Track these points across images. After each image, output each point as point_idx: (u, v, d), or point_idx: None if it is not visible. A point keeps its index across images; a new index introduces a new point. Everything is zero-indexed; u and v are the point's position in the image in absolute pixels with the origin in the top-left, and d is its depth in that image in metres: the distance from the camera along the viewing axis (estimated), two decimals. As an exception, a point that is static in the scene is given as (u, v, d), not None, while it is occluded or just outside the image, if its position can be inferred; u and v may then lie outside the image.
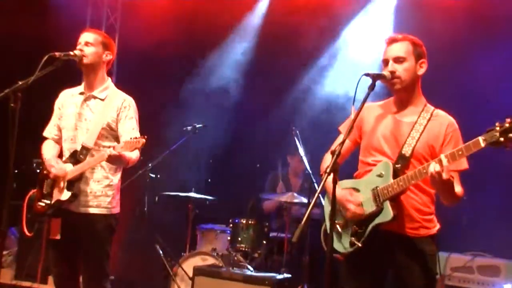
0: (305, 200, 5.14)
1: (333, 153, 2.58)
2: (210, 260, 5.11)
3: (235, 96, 6.58)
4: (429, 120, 2.87)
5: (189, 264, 5.08)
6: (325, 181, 2.53)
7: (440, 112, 2.94)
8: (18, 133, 3.00)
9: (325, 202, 3.05)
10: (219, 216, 5.85)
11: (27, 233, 3.50)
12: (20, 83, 3.03)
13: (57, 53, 3.23)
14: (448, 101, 3.15)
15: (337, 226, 2.87)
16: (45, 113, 3.76)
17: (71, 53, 3.32)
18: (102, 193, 3.38)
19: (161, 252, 5.22)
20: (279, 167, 5.89)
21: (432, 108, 2.95)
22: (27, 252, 5.59)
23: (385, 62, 2.90)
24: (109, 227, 3.41)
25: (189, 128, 5.48)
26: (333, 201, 2.60)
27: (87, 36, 3.45)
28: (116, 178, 3.46)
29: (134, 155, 3.34)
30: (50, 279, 5.47)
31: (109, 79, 3.56)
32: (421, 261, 2.81)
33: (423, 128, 2.85)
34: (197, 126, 5.45)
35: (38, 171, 3.65)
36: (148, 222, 5.53)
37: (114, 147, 3.15)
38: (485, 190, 4.95)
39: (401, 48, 2.88)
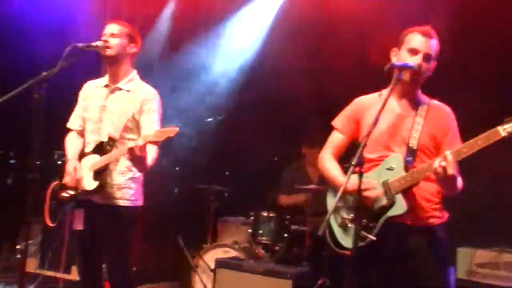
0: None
1: (358, 145, 2.56)
2: (232, 253, 5.11)
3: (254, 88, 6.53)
4: (427, 111, 2.86)
5: (211, 256, 5.09)
6: (350, 174, 2.50)
7: (436, 103, 2.94)
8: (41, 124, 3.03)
9: (328, 197, 3.02)
10: (240, 208, 5.85)
11: (49, 223, 3.50)
12: (44, 73, 3.05)
13: (80, 44, 3.23)
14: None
15: (346, 221, 2.84)
16: (66, 103, 3.77)
17: (94, 44, 3.32)
18: (125, 185, 3.38)
19: (182, 244, 5.23)
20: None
21: (427, 99, 2.94)
22: (50, 242, 5.65)
23: (414, 51, 2.82)
24: (132, 219, 3.40)
25: (209, 119, 5.47)
26: (359, 194, 2.56)
27: (112, 28, 3.44)
28: None
29: (152, 156, 3.25)
30: (74, 269, 5.52)
31: (134, 71, 3.54)
32: (434, 250, 2.78)
33: (424, 120, 2.83)
34: (218, 118, 5.44)
35: (59, 162, 3.67)
36: (169, 214, 5.55)
37: (143, 137, 3.06)
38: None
39: (433, 47, 2.84)
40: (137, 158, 3.08)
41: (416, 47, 2.81)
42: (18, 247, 6.07)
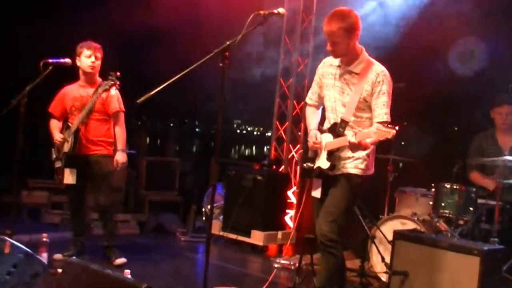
0: None
1: None
2: (410, 225, 4.87)
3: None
4: None
5: (388, 228, 4.91)
6: None
7: None
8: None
9: None
10: (420, 179, 5.55)
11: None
12: (228, 42, 3.11)
13: (261, 11, 3.24)
14: None
15: None
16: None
17: (275, 11, 3.29)
18: (360, 155, 3.54)
19: (359, 213, 5.13)
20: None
21: None
22: (231, 207, 5.96)
23: None
24: (359, 185, 3.57)
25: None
26: None
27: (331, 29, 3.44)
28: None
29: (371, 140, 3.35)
30: (253, 233, 5.78)
31: (363, 49, 3.55)
32: None
33: None
34: (400, 85, 5.15)
35: (238, 131, 3.89)
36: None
37: (369, 133, 3.24)
38: None
39: None
40: (355, 148, 3.41)
41: None
42: (204, 210, 6.53)
